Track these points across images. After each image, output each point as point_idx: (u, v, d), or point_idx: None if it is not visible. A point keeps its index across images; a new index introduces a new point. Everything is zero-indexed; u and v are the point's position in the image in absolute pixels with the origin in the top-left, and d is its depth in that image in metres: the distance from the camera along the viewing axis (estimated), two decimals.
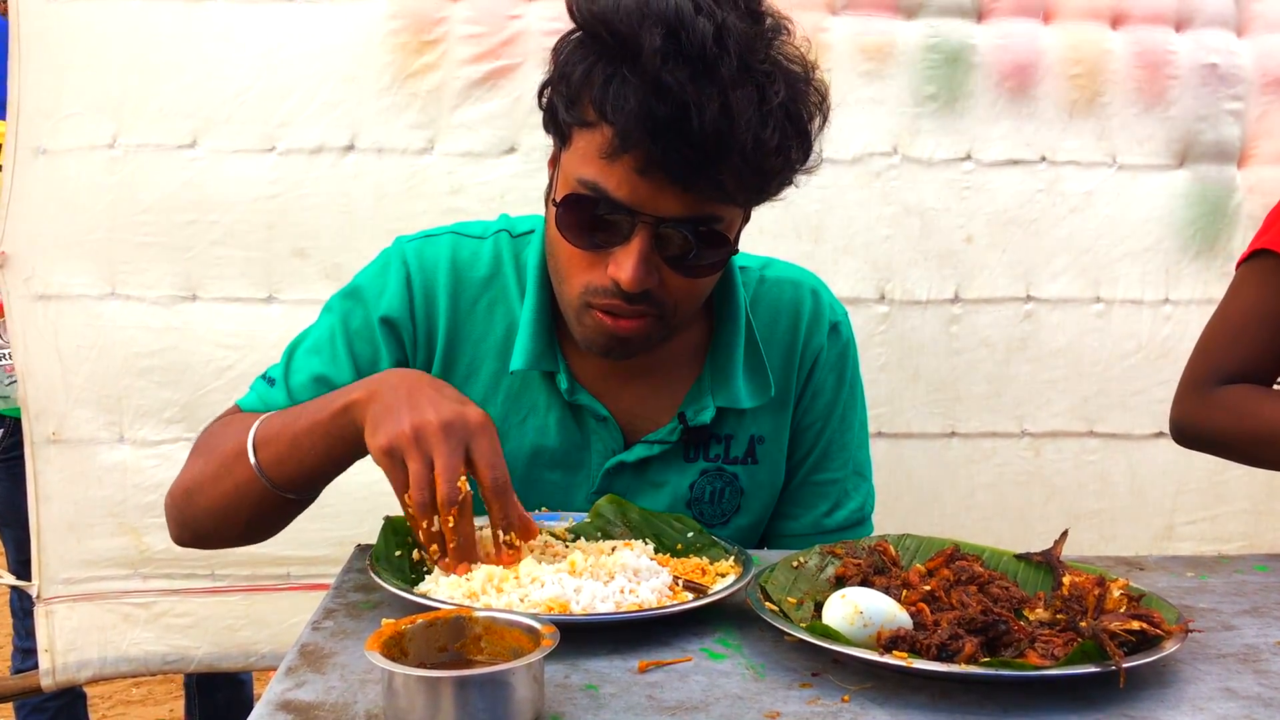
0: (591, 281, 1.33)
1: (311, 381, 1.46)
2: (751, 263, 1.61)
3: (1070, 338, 2.51)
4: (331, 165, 2.35)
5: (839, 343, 1.60)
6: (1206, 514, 2.55)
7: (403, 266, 1.50)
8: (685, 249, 1.31)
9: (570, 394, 1.47)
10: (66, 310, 2.36)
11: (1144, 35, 2.48)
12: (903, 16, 2.44)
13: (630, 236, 1.29)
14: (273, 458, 1.31)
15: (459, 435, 1.17)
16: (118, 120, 2.32)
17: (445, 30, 2.32)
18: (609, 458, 1.50)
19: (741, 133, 1.21)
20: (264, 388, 1.50)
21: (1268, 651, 1.13)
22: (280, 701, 0.97)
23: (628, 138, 1.22)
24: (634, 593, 1.15)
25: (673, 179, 1.25)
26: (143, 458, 2.39)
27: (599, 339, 1.37)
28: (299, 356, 1.51)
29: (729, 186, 1.26)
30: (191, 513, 1.42)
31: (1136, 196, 2.50)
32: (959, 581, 1.19)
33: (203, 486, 1.39)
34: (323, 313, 1.54)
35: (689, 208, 1.28)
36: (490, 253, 1.52)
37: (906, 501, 2.48)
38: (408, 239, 1.54)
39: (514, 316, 1.49)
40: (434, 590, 1.16)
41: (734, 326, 1.51)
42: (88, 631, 2.43)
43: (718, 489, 1.54)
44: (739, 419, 1.54)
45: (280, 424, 1.32)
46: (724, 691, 1.00)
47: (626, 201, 1.27)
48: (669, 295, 1.34)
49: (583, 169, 1.30)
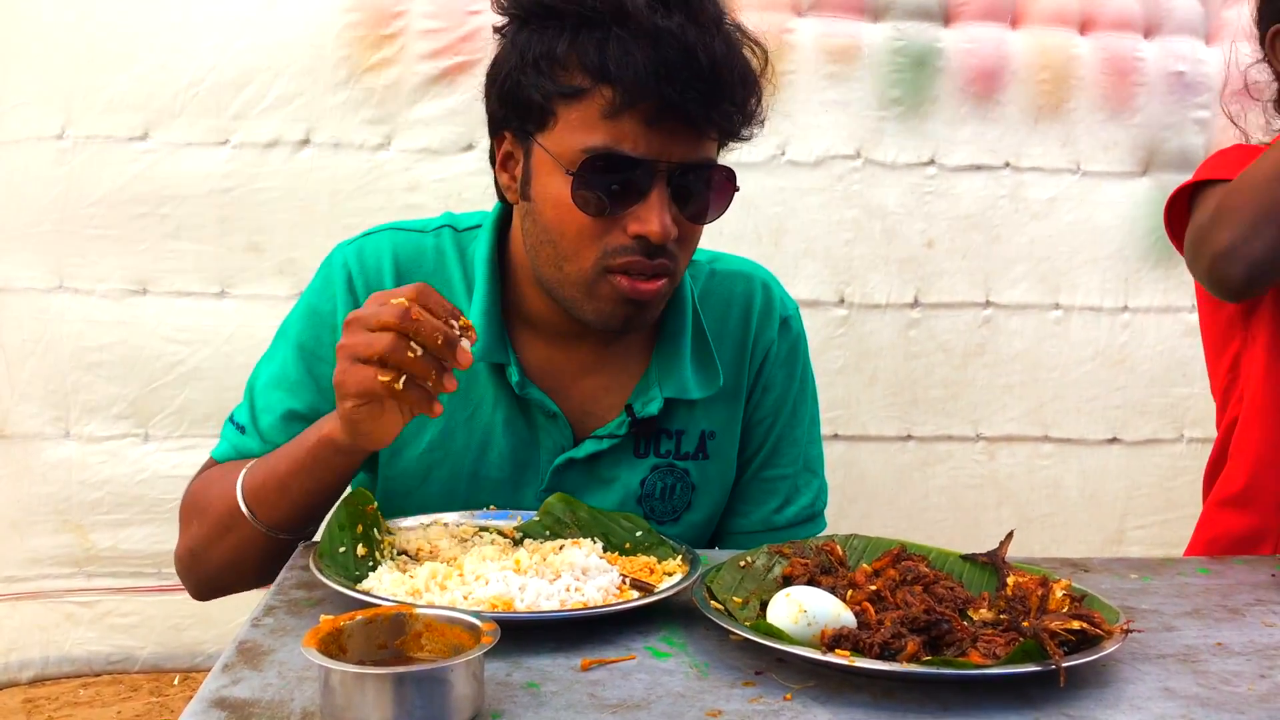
0: (609, 244, 1.33)
1: (280, 420, 1.45)
2: (699, 256, 1.60)
3: (1028, 343, 2.54)
4: (286, 160, 2.33)
5: (789, 337, 1.60)
6: (1157, 518, 2.58)
7: (344, 271, 1.47)
8: (697, 193, 1.35)
9: (521, 388, 1.45)
10: (12, 303, 2.33)
11: (1112, 41, 2.50)
12: (868, 19, 2.44)
13: (649, 190, 1.31)
14: (268, 508, 1.33)
15: (367, 307, 1.18)
16: (67, 111, 2.29)
17: (403, 25, 2.31)
18: (558, 454, 1.49)
19: (739, 64, 1.29)
20: (235, 435, 1.49)
21: (1207, 652, 1.14)
22: (215, 699, 0.95)
23: (636, 91, 1.25)
24: (579, 591, 1.15)
25: (687, 122, 1.28)
26: (89, 454, 2.35)
27: (617, 309, 1.36)
28: (260, 394, 1.48)
29: (735, 120, 1.32)
30: (203, 573, 1.45)
31: (1099, 204, 2.53)
32: (904, 581, 1.19)
33: (206, 549, 1.41)
34: (277, 337, 1.52)
35: (697, 151, 1.32)
36: (433, 247, 1.51)
37: (861, 504, 2.49)
38: (347, 243, 1.52)
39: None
40: (377, 587, 1.15)
41: (680, 317, 1.51)
42: (29, 631, 2.39)
43: (669, 485, 1.53)
44: (689, 413, 1.53)
45: (264, 474, 1.34)
46: (666, 690, 1.00)
47: (643, 154, 1.29)
48: (680, 246, 1.36)
49: (586, 137, 1.30)
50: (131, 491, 2.37)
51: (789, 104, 2.39)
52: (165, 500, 2.33)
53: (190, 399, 2.35)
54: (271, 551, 1.38)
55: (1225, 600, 1.31)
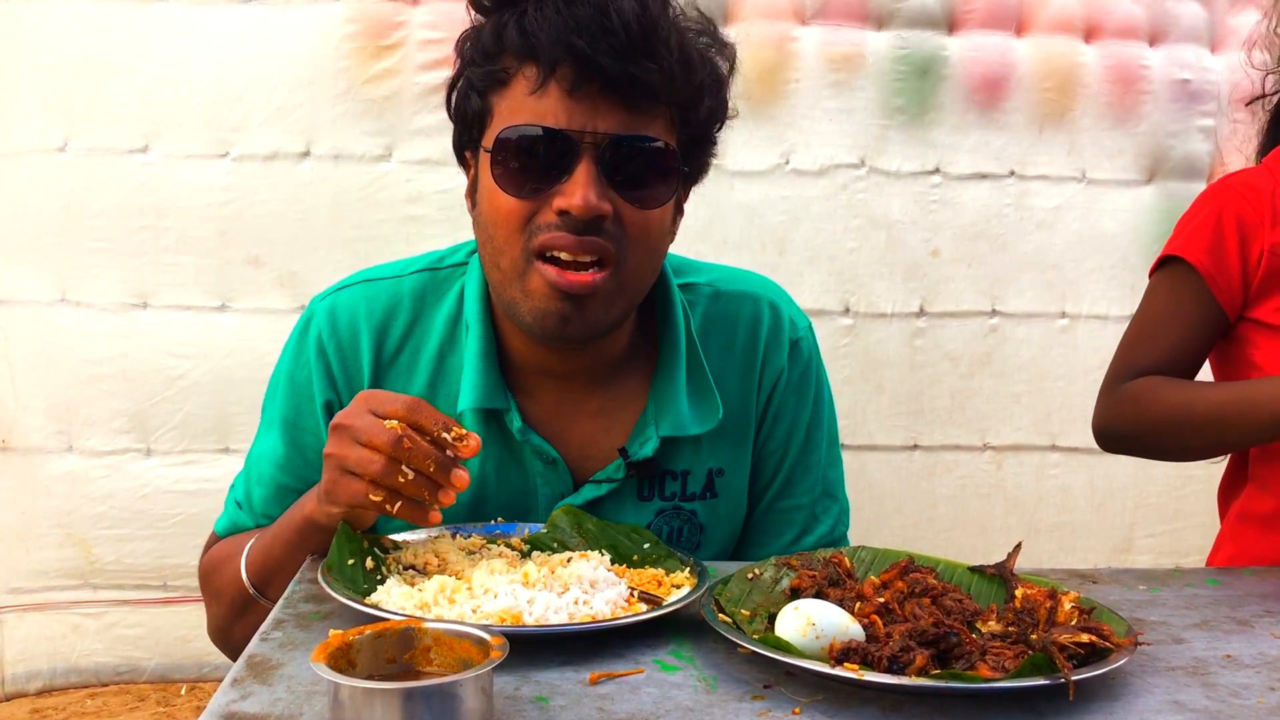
0: (536, 222, 1.29)
1: (273, 495, 1.46)
2: (699, 277, 1.53)
3: (1035, 352, 2.53)
4: (286, 172, 2.33)
5: (800, 362, 1.53)
6: (1165, 528, 2.58)
7: (317, 339, 1.45)
8: (633, 170, 1.30)
9: (522, 435, 1.41)
10: (17, 316, 2.33)
11: (1117, 49, 2.50)
12: (872, 27, 2.44)
13: (574, 164, 1.27)
14: (273, 586, 1.35)
15: (357, 416, 1.18)
16: (68, 123, 2.29)
17: (404, 35, 2.31)
18: (556, 500, 1.44)
19: (665, 29, 1.26)
20: (234, 510, 1.52)
21: (1216, 665, 1.13)
22: (225, 713, 0.95)
23: (553, 53, 1.25)
24: (588, 604, 1.14)
25: (605, 88, 1.26)
26: (91, 468, 2.35)
27: (550, 304, 1.30)
28: (253, 467, 1.50)
29: (660, 84, 1.27)
30: (234, 645, 1.45)
31: (1104, 212, 2.52)
32: (912, 594, 1.19)
33: (230, 628, 1.46)
34: (265, 403, 1.52)
35: (628, 123, 1.28)
36: (410, 293, 1.46)
37: (868, 513, 2.48)
38: (319, 298, 1.49)
39: (438, 356, 1.44)
40: (385, 601, 1.15)
41: (674, 350, 1.45)
42: (37, 642, 2.39)
43: (675, 528, 1.48)
44: (695, 451, 1.47)
45: (262, 555, 1.37)
46: (675, 703, 0.99)
47: (564, 126, 1.27)
48: (622, 234, 1.30)
49: (511, 118, 1.30)
50: (134, 506, 2.37)
51: (792, 113, 2.39)
52: (168, 516, 2.33)
53: (191, 413, 2.35)
54: None
55: (1234, 612, 1.31)
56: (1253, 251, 1.64)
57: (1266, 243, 1.63)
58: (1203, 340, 1.70)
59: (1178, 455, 1.75)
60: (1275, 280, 1.64)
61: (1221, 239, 1.66)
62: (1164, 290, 1.72)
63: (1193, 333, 1.69)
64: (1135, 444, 1.74)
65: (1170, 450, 1.74)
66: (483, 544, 1.36)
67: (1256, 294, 1.66)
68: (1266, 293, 1.65)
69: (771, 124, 2.37)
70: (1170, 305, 1.70)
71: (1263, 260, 1.64)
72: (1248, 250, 1.65)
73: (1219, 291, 1.66)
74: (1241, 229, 1.65)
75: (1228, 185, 1.72)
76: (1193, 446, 1.69)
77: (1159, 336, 1.69)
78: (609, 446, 1.45)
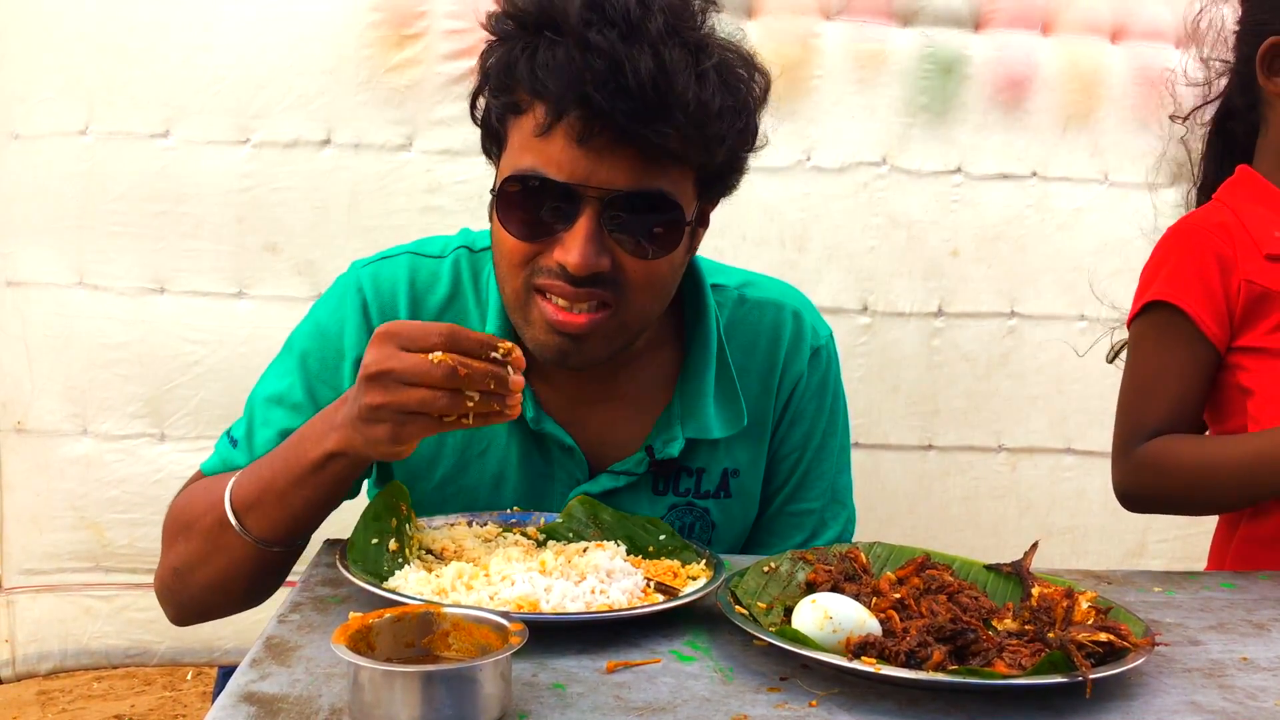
0: (537, 263, 1.29)
1: (277, 438, 1.39)
2: (729, 280, 1.55)
3: (1052, 355, 2.51)
4: (307, 159, 2.32)
5: (820, 369, 1.55)
6: (1179, 533, 2.56)
7: (359, 296, 1.45)
8: (636, 224, 1.27)
9: (536, 422, 1.42)
10: (35, 298, 2.33)
11: (1143, 50, 2.48)
12: (897, 24, 2.41)
13: (576, 217, 1.25)
14: (263, 520, 1.28)
15: (394, 359, 1.11)
16: (90, 106, 2.29)
17: (426, 25, 2.30)
18: (573, 487, 1.45)
19: (681, 89, 1.20)
20: (227, 449, 1.45)
21: (1233, 667, 1.13)
22: (244, 693, 0.96)
23: (561, 102, 1.21)
24: (604, 593, 1.15)
25: (614, 141, 1.22)
26: (105, 451, 2.35)
27: (549, 338, 1.31)
28: (259, 409, 1.45)
29: (674, 145, 1.23)
30: (187, 594, 1.40)
31: (1126, 214, 2.49)
32: (929, 590, 1.19)
33: (192, 565, 1.36)
34: (283, 350, 1.49)
35: (634, 178, 1.25)
36: (449, 273, 1.47)
37: (881, 512, 2.48)
38: (363, 263, 1.49)
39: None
40: (403, 586, 1.15)
41: (705, 352, 1.46)
42: (49, 624, 2.39)
43: (687, 524, 1.50)
44: (711, 451, 1.49)
45: (258, 485, 1.28)
46: (691, 694, 1.00)
47: (567, 179, 1.24)
48: (622, 284, 1.29)
49: (519, 158, 1.28)
50: (148, 491, 2.37)
51: (815, 109, 2.37)
52: None
53: (206, 400, 2.35)
54: (260, 568, 1.33)
55: (1250, 615, 1.31)
56: (1232, 286, 1.65)
57: (1243, 274, 1.64)
58: (1203, 382, 1.69)
59: (1210, 510, 1.75)
60: (1257, 307, 1.64)
61: (1204, 279, 1.66)
62: (1152, 340, 1.71)
63: (1191, 378, 1.68)
64: (1163, 505, 1.75)
65: (1200, 506, 1.74)
66: (498, 533, 1.36)
67: (1240, 325, 1.66)
68: (1250, 321, 1.65)
69: (793, 120, 2.35)
70: (1164, 355, 1.69)
71: (1241, 292, 1.64)
72: (1229, 285, 1.65)
73: (1210, 332, 1.65)
74: (1222, 266, 1.65)
75: (1196, 225, 1.71)
76: (1222, 502, 1.70)
77: (1159, 390, 1.68)
78: (628, 436, 1.46)
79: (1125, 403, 1.72)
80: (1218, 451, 1.63)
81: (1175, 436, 1.66)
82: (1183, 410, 1.68)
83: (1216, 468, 1.61)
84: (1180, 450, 1.64)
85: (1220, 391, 1.71)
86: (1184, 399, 1.68)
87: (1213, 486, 1.63)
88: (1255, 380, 1.65)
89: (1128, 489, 1.70)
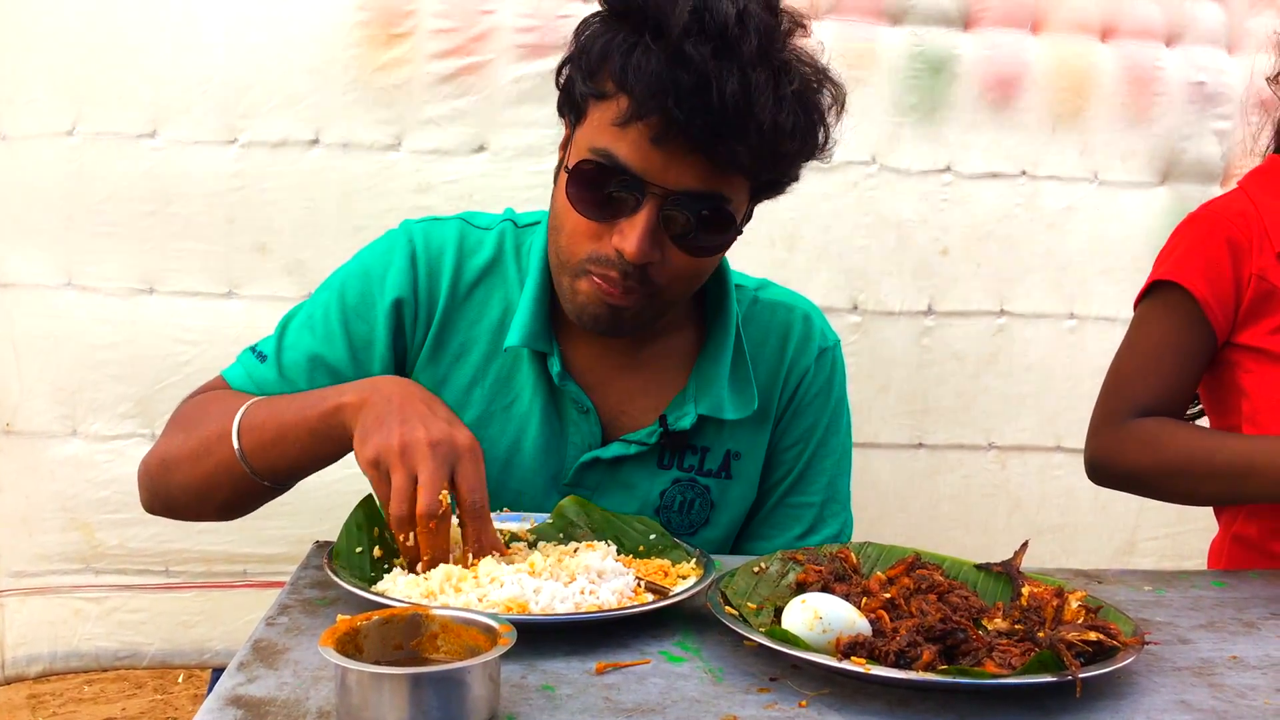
0: (595, 250, 1.35)
1: (305, 360, 1.47)
2: (747, 282, 1.62)
3: (1042, 353, 2.52)
4: (295, 160, 2.31)
5: (826, 369, 1.61)
6: (1168, 531, 2.57)
7: (409, 245, 1.51)
8: (691, 225, 1.33)
9: (560, 380, 1.47)
10: (23, 299, 2.32)
11: (1133, 49, 2.47)
12: (887, 23, 2.41)
13: (638, 208, 1.31)
14: (256, 445, 1.32)
15: (445, 454, 1.18)
16: (77, 107, 2.28)
17: (414, 24, 2.30)
18: (585, 451, 1.50)
19: (760, 110, 1.25)
20: (253, 362, 1.49)
21: (1223, 665, 1.13)
22: (231, 697, 0.95)
23: (645, 104, 1.26)
24: (594, 594, 1.14)
25: (688, 148, 1.27)
26: (95, 452, 2.34)
27: (592, 307, 1.38)
28: (292, 332, 1.50)
29: (744, 160, 1.29)
30: (166, 486, 1.43)
31: (1115, 213, 2.50)
32: (919, 590, 1.19)
33: (181, 462, 1.39)
34: (321, 287, 1.54)
35: (700, 181, 1.30)
36: (494, 242, 1.54)
37: (871, 511, 2.47)
38: (415, 221, 1.56)
39: (511, 302, 1.50)
40: (391, 589, 1.15)
41: (724, 337, 1.52)
42: (39, 626, 2.38)
43: (688, 499, 1.54)
44: (718, 432, 1.54)
45: (267, 413, 1.33)
46: (681, 694, 1.00)
47: (638, 170, 1.30)
48: (666, 273, 1.35)
49: (596, 138, 1.32)
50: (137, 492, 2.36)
51: None
52: None
53: None
54: (243, 492, 1.37)
55: (1240, 614, 1.31)
56: (1243, 275, 1.65)
57: (1255, 267, 1.64)
58: (1199, 368, 1.70)
59: (1181, 499, 1.73)
60: (1262, 304, 1.64)
61: (1215, 264, 1.66)
62: (1157, 318, 1.72)
63: (1190, 361, 1.69)
64: (1137, 483, 1.72)
65: (1175, 494, 1.71)
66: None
67: (1244, 319, 1.66)
68: (1254, 317, 1.65)
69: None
70: (1166, 334, 1.69)
71: (1250, 284, 1.64)
72: (1239, 274, 1.65)
73: (1213, 317, 1.66)
74: (1233, 253, 1.65)
75: (1214, 211, 1.72)
76: (1203, 494, 1.69)
77: (1157, 368, 1.69)
78: (644, 405, 1.52)
79: (1117, 377, 1.73)
80: (1212, 446, 1.62)
81: (1172, 420, 1.67)
82: (1175, 391, 1.69)
83: (1206, 462, 1.60)
84: (1176, 434, 1.64)
85: (1220, 386, 1.71)
86: (1179, 380, 1.69)
87: (1197, 478, 1.62)
88: (1253, 382, 1.66)
89: (1105, 460, 1.71)
